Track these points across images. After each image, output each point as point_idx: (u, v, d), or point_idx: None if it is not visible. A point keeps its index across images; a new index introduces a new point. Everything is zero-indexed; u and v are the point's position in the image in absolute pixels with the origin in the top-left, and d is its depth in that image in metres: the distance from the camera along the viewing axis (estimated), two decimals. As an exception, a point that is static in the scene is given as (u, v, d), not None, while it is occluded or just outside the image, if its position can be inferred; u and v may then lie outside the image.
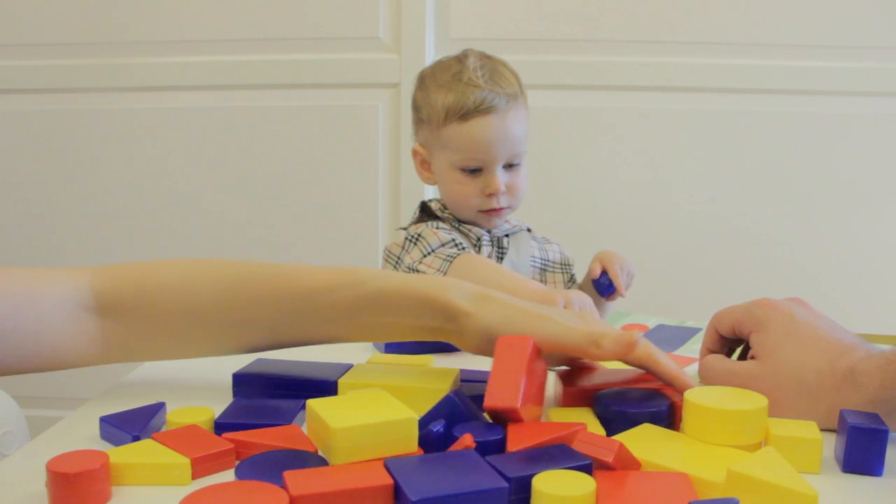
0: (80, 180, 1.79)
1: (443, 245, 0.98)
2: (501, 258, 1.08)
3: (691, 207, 1.72)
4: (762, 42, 1.67)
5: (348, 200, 1.75)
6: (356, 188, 1.74)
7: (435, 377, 0.60)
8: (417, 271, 0.96)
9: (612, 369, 0.63)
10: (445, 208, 1.10)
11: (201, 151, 1.76)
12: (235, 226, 1.77)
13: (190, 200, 1.78)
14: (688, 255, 1.72)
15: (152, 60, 1.74)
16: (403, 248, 1.04)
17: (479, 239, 1.07)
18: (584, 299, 0.79)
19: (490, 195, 1.03)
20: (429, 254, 0.98)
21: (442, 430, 0.47)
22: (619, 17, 1.67)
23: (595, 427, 0.52)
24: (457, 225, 1.08)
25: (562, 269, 1.16)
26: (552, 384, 0.60)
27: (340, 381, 0.61)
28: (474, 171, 1.03)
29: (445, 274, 0.92)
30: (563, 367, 0.62)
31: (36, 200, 1.81)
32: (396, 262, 1.04)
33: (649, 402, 0.54)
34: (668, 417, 0.53)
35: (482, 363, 0.75)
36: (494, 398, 0.48)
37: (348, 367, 0.64)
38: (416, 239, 1.02)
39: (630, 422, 0.51)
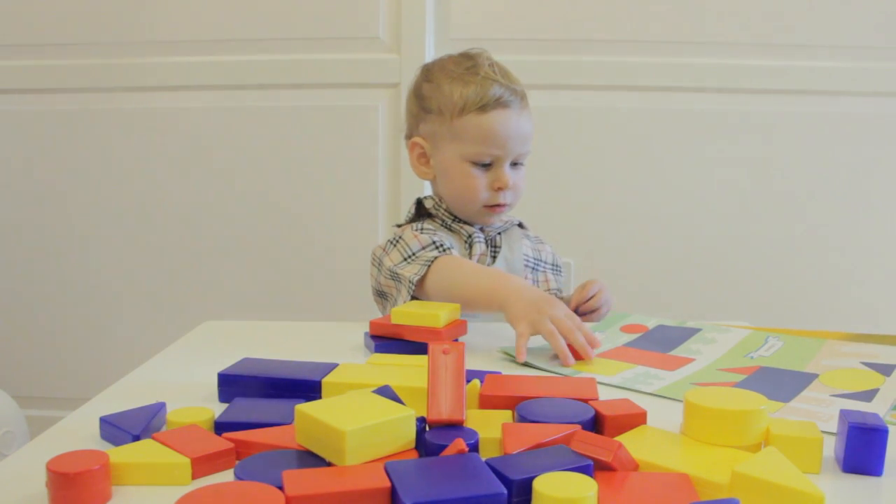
0: (81, 180, 1.79)
1: (423, 248, 0.97)
2: (495, 257, 1.07)
3: (691, 207, 1.72)
4: (762, 42, 1.67)
5: (348, 200, 1.75)
6: (356, 188, 1.74)
7: (417, 377, 0.60)
8: (397, 274, 0.96)
9: (533, 377, 0.65)
10: (440, 205, 1.09)
11: (201, 151, 1.76)
12: (235, 225, 1.77)
13: (189, 200, 1.77)
14: (687, 256, 1.72)
15: (152, 60, 1.74)
16: (384, 249, 1.03)
17: (470, 236, 1.06)
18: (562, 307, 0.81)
19: (498, 189, 1.03)
20: (409, 257, 0.97)
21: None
22: (619, 17, 1.67)
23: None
24: (449, 223, 1.08)
25: (553, 269, 1.16)
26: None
27: (324, 381, 0.61)
28: (484, 166, 1.03)
29: (424, 278, 0.91)
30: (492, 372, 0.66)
31: (36, 200, 1.81)
32: (379, 265, 1.03)
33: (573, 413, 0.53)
34: (594, 427, 0.53)
35: (473, 363, 0.75)
36: (440, 412, 0.49)
37: (332, 367, 0.64)
38: (397, 241, 1.01)
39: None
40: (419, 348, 0.74)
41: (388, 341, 0.79)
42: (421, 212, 1.11)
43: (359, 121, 1.72)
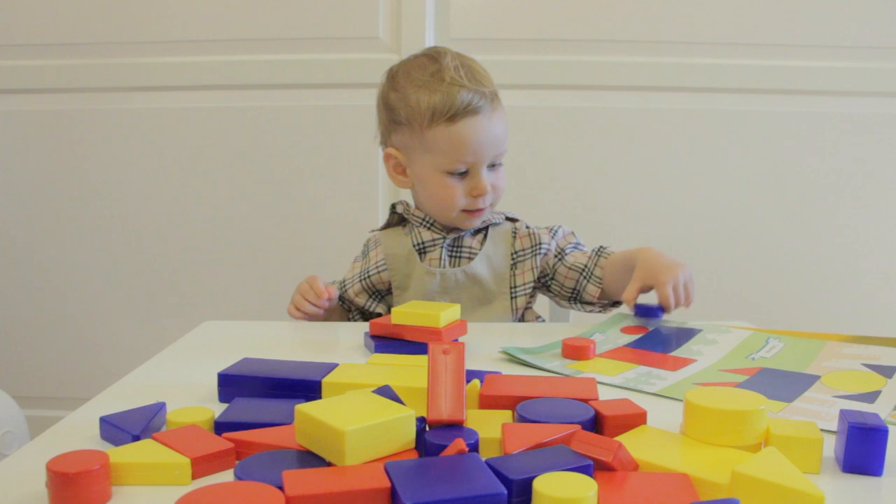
0: (81, 180, 1.79)
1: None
2: (460, 257, 1.07)
3: (691, 208, 1.72)
4: (762, 42, 1.67)
5: (348, 200, 1.75)
6: (356, 188, 1.74)
7: (417, 376, 0.60)
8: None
9: (532, 377, 0.65)
10: (409, 210, 1.10)
11: (201, 151, 1.76)
12: (235, 226, 1.77)
13: (190, 200, 1.77)
14: (686, 256, 1.71)
15: (152, 60, 1.74)
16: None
17: (423, 243, 1.07)
18: None
19: (477, 196, 1.02)
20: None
21: None
22: (619, 17, 1.67)
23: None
24: (418, 224, 1.08)
25: (573, 248, 1.11)
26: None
27: (324, 381, 0.61)
28: (460, 174, 1.01)
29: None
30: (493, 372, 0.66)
31: (36, 200, 1.81)
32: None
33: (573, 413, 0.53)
34: (594, 427, 0.53)
35: (473, 363, 0.75)
36: (440, 412, 0.49)
37: (332, 367, 0.64)
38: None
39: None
40: (419, 348, 0.74)
41: (388, 341, 0.79)
42: (394, 217, 1.12)
43: (359, 121, 1.72)
